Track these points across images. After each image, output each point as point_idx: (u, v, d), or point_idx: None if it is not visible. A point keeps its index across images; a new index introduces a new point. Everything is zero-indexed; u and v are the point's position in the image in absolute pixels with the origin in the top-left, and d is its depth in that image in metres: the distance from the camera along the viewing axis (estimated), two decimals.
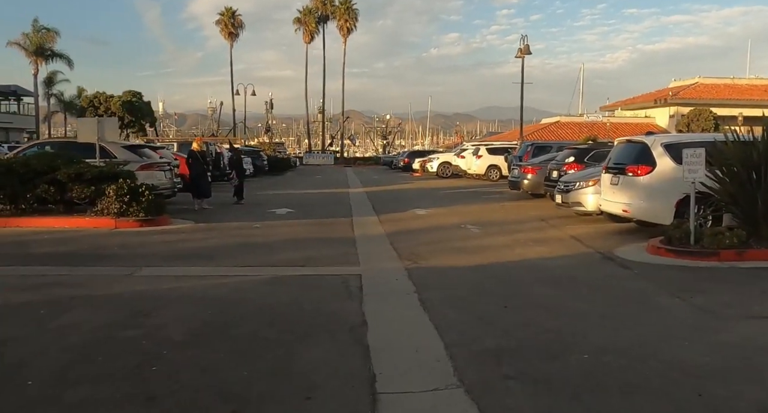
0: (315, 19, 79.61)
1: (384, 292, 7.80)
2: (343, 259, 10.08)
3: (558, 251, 10.68)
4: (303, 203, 20.56)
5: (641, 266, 9.25)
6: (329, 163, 72.90)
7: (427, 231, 13.42)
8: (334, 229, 13.68)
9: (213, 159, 27.40)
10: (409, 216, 16.49)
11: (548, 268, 9.18)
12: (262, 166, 38.80)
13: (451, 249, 10.95)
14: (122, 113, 39.85)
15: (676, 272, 8.78)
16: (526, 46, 43.16)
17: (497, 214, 16.63)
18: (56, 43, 67.76)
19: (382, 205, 19.65)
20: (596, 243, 11.31)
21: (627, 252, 10.28)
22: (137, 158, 15.53)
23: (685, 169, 9.72)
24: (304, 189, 27.56)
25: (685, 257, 9.50)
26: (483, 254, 10.41)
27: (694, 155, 9.64)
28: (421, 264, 9.56)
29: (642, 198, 11.63)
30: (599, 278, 8.45)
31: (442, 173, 36.87)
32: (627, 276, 8.59)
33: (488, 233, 13.00)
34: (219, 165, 27.97)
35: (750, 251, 9.41)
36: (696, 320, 6.33)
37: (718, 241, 9.49)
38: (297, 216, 16.30)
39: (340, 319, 6.44)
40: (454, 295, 7.49)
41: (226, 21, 79.05)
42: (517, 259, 9.96)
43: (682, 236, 9.84)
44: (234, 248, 11.16)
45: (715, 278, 8.43)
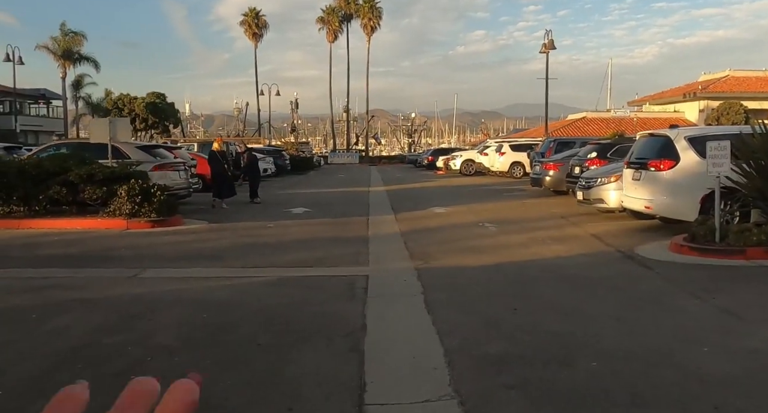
0: (338, 18, 79.44)
1: (389, 294, 7.50)
2: (353, 259, 9.79)
3: (576, 249, 10.27)
4: (321, 202, 20.32)
5: (662, 265, 8.82)
6: (354, 162, 72.68)
7: (443, 230, 13.06)
8: (348, 228, 13.39)
9: (234, 159, 27.34)
10: (426, 215, 16.14)
11: (564, 267, 8.79)
12: (284, 165, 38.67)
13: (465, 248, 10.60)
14: (146, 114, 40.04)
15: (699, 272, 8.33)
16: (551, 41, 42.61)
17: (516, 212, 16.20)
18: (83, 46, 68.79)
19: (401, 203, 19.34)
20: (617, 241, 10.87)
21: (648, 251, 9.84)
22: (151, 158, 15.40)
23: (709, 163, 9.25)
24: (325, 188, 27.35)
25: (709, 255, 9.04)
26: (498, 253, 10.05)
27: (719, 147, 9.17)
28: (432, 264, 9.24)
29: (665, 194, 11.16)
30: (617, 279, 8.04)
31: (465, 170, 36.41)
32: (646, 276, 8.17)
33: (505, 231, 12.61)
34: (240, 165, 27.87)
35: None
36: (717, 323, 5.92)
37: (744, 238, 9.01)
38: (312, 215, 16.05)
39: (339, 323, 6.15)
40: (462, 297, 7.16)
41: (250, 22, 79.16)
42: (532, 258, 9.57)
43: (706, 234, 9.37)
44: (244, 249, 10.94)
45: (740, 277, 7.98)
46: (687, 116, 50.61)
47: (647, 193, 11.52)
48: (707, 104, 48.06)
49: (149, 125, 40.56)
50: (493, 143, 34.51)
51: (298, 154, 45.55)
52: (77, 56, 68.06)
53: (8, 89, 64.49)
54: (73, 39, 68.37)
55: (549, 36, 41.92)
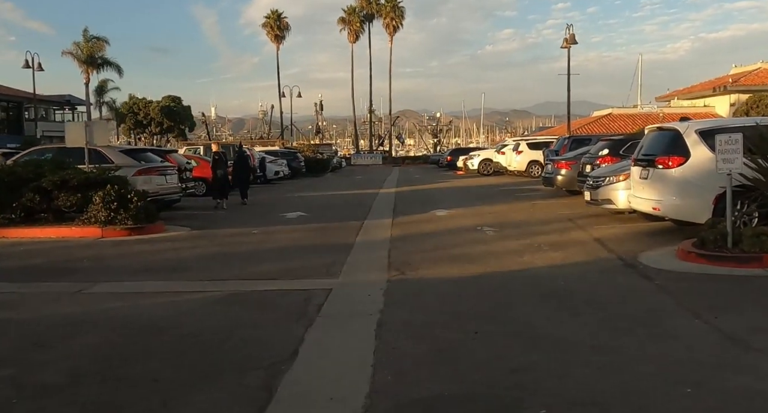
0: (360, 18, 78.69)
1: (344, 313, 6.60)
2: (325, 270, 8.90)
3: (574, 257, 9.24)
4: (323, 205, 19.50)
5: (666, 275, 7.76)
6: (377, 163, 71.97)
7: (437, 235, 12.12)
8: (337, 234, 12.51)
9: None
10: (426, 218, 15.20)
11: (552, 279, 7.78)
12: (298, 167, 37.99)
13: (452, 256, 9.64)
14: (161, 118, 39.65)
15: (706, 284, 7.27)
16: (572, 35, 41.17)
17: (522, 214, 15.16)
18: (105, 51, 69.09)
19: (406, 206, 18.44)
20: (621, 247, 9.81)
21: (654, 258, 8.77)
22: (134, 162, 14.69)
23: (719, 158, 8.16)
24: (334, 191, 26.50)
25: (720, 263, 7.95)
26: (485, 262, 9.08)
27: (730, 141, 8.07)
28: (407, 276, 8.32)
29: (674, 194, 10.07)
30: (609, 293, 7.02)
31: (483, 170, 35.30)
32: (644, 289, 7.13)
33: (503, 236, 11.61)
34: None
35: None
36: (717, 353, 4.88)
37: (761, 243, 7.91)
38: (306, 220, 15.21)
39: (268, 351, 5.27)
40: (423, 317, 6.22)
41: (272, 24, 78.80)
42: (522, 268, 8.58)
43: (717, 238, 8.28)
44: (215, 259, 10.14)
45: (753, 291, 6.89)
46: (717, 110, 48.71)
47: (655, 193, 10.43)
48: (738, 97, 46.11)
49: (164, 128, 40.19)
50: (511, 142, 33.34)
51: (315, 155, 44.83)
52: (100, 61, 68.51)
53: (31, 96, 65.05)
54: (96, 44, 68.74)
55: (570, 30, 40.50)
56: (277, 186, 30.00)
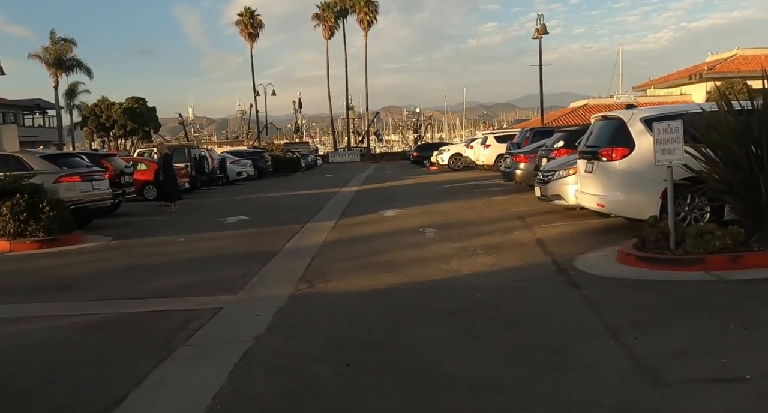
0: (334, 14, 77.56)
1: (215, 341, 5.68)
2: (228, 284, 7.97)
3: (506, 262, 8.36)
4: (272, 207, 18.58)
5: (598, 282, 6.88)
6: (356, 160, 71.14)
7: (373, 239, 11.22)
8: (268, 240, 11.56)
9: (197, 163, 25.72)
10: (372, 219, 14.29)
11: (472, 291, 6.89)
12: (265, 167, 36.96)
13: (376, 264, 8.75)
14: (124, 120, 38.46)
15: (639, 292, 6.38)
16: (543, 25, 40.40)
17: (474, 212, 14.26)
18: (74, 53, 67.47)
19: (359, 206, 17.54)
20: (562, 248, 8.94)
21: (592, 261, 7.90)
22: (55, 168, 13.65)
23: (657, 149, 7.29)
24: (294, 191, 25.49)
25: (659, 266, 7.10)
26: (408, 270, 8.19)
27: (669, 129, 7.21)
28: (315, 289, 7.43)
29: (618, 188, 9.20)
30: (527, 308, 6.12)
31: (453, 165, 34.41)
32: (568, 302, 6.22)
33: (441, 238, 10.70)
34: (204, 169, 26.22)
35: (747, 254, 6.95)
36: (621, 392, 3.97)
37: (704, 243, 7.05)
38: (245, 225, 14.27)
39: (89, 398, 4.33)
40: (301, 345, 5.32)
41: (246, 22, 77.55)
42: (444, 277, 7.69)
43: (658, 238, 7.42)
44: (117, 274, 9.22)
45: (690, 299, 6.01)
46: (694, 98, 48.02)
47: (599, 187, 9.57)
48: (714, 85, 45.49)
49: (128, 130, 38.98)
50: (480, 136, 32.47)
51: (284, 155, 43.78)
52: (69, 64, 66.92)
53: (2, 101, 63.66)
54: (64, 46, 67.12)
55: (541, 20, 39.79)
56: (237, 187, 29.00)
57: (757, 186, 7.27)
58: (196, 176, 25.57)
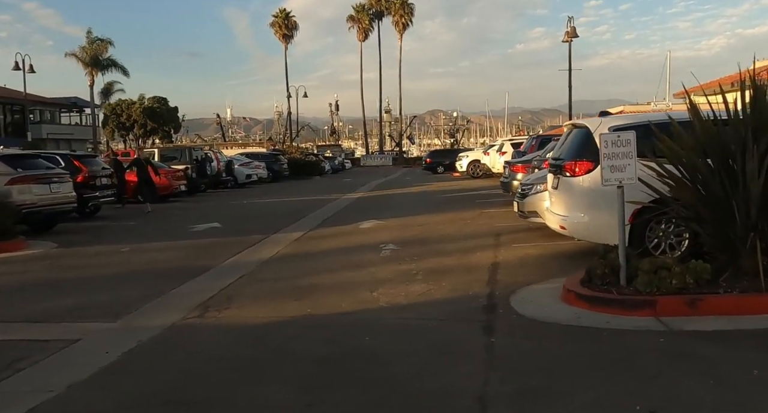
0: (369, 16, 76.83)
1: (19, 390, 4.70)
2: (121, 308, 7.04)
3: (438, 291, 7.20)
4: (254, 214, 17.69)
5: (520, 326, 5.68)
6: (387, 164, 70.39)
7: (321, 256, 10.18)
8: (214, 253, 10.60)
9: (198, 164, 25.02)
10: (342, 231, 13.24)
11: (367, 330, 5.76)
12: (280, 170, 36.16)
13: (294, 288, 7.72)
14: (143, 119, 38.18)
15: (559, 344, 5.15)
16: (573, 28, 38.89)
17: (454, 227, 13.06)
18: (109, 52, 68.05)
19: (343, 215, 16.50)
20: (513, 276, 7.74)
21: (532, 296, 6.68)
22: (8, 169, 12.91)
23: (605, 166, 6.05)
24: (296, 196, 24.49)
25: (601, 307, 5.86)
26: (323, 297, 7.15)
27: (619, 142, 5.97)
28: (203, 319, 6.53)
29: (581, 208, 7.96)
30: (414, 357, 4.96)
31: (472, 172, 33.03)
32: (465, 352, 5.03)
33: (393, 258, 9.58)
34: (205, 172, 25.48)
35: (709, 298, 5.65)
36: None
37: (658, 281, 5.78)
38: (207, 234, 13.36)
39: None
40: (106, 402, 4.28)
41: (280, 23, 77.27)
42: (353, 309, 6.59)
43: (606, 273, 6.16)
44: (16, 289, 8.44)
45: (615, 358, 4.76)
46: None
47: (563, 206, 8.33)
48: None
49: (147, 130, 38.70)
50: (500, 142, 31.09)
51: (304, 158, 42.95)
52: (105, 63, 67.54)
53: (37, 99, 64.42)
54: (100, 46, 67.84)
55: (571, 23, 38.25)
56: (242, 191, 28.20)
57: (728, 212, 5.96)
58: (198, 179, 24.84)
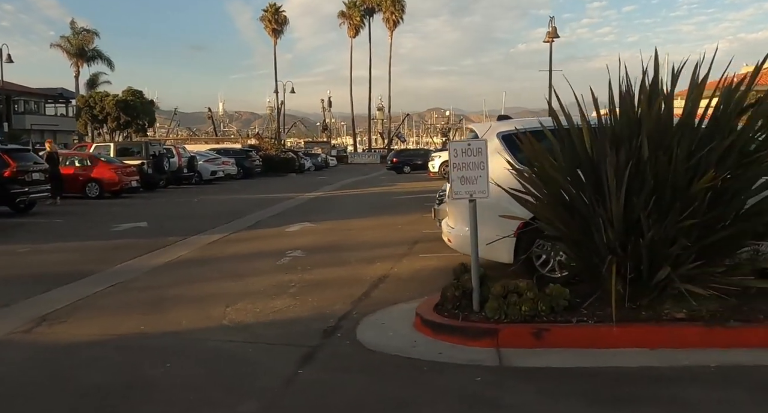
0: (360, 12, 76.27)
1: None
2: None
3: (294, 309, 6.61)
4: (191, 214, 17.09)
5: (342, 357, 5.08)
6: (375, 161, 70.12)
7: (221, 261, 9.66)
8: (111, 257, 10.02)
9: (156, 160, 24.40)
10: (264, 235, 12.69)
11: (166, 358, 5.14)
12: (251, 167, 35.53)
13: (152, 301, 7.16)
14: (117, 112, 37.52)
15: (357, 385, 4.53)
16: (554, 28, 38.19)
17: (381, 232, 12.46)
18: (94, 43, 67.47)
19: (282, 217, 15.88)
20: (392, 293, 7.16)
21: (388, 318, 6.09)
22: None
23: (455, 177, 5.45)
24: (254, 194, 23.83)
25: (443, 335, 5.27)
26: (174, 311, 6.62)
27: (469, 151, 5.37)
28: (29, 334, 6.12)
29: (466, 221, 7.33)
30: (164, 403, 4.34)
31: (443, 173, 32.38)
32: (225, 400, 4.40)
33: (289, 266, 9.03)
34: (162, 167, 24.84)
35: (558, 328, 5.05)
36: None
37: (507, 307, 5.18)
38: (123, 235, 12.80)
39: None
40: None
41: (270, 17, 76.80)
42: (185, 327, 6.01)
43: (457, 296, 5.56)
44: None
45: (416, 407, 4.14)
46: None
47: (452, 218, 7.74)
48: None
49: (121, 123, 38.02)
50: None
51: (279, 154, 42.27)
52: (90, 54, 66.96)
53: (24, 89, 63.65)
54: (85, 37, 67.27)
55: (552, 23, 37.56)
56: (206, 187, 27.61)
57: (586, 229, 5.35)
58: (154, 174, 24.20)
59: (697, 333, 4.95)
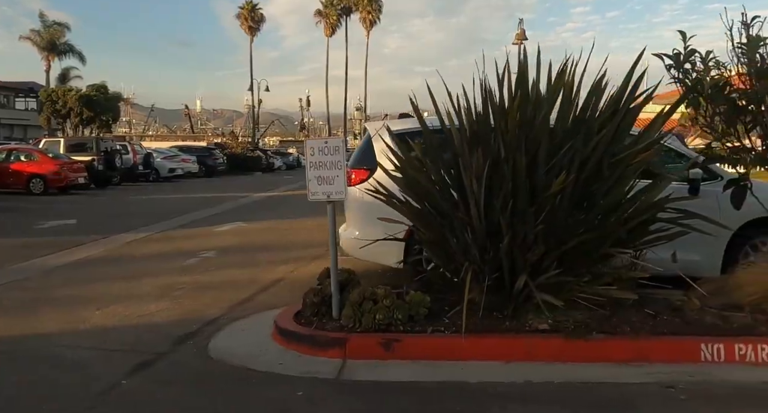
0: (337, 11, 75.78)
1: None
2: None
3: (163, 314, 6.30)
4: (128, 212, 16.73)
5: (178, 366, 4.77)
6: None
7: (126, 262, 9.33)
8: (19, 255, 9.68)
9: (107, 156, 23.90)
10: (190, 234, 12.33)
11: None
12: (214, 165, 35.06)
13: (33, 302, 6.92)
14: (80, 107, 36.86)
15: (177, 396, 4.23)
16: (522, 31, 38.05)
17: (309, 235, 12.10)
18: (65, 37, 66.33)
19: (221, 216, 15.47)
20: (275, 298, 6.87)
21: (254, 325, 5.79)
22: None
23: (311, 177, 5.16)
24: (204, 193, 23.28)
25: (295, 345, 5.00)
26: (41, 314, 6.36)
27: (326, 149, 5.08)
28: None
29: (354, 223, 7.09)
30: None
31: None
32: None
33: (193, 267, 8.74)
34: (114, 164, 24.34)
35: (410, 338, 4.79)
36: None
37: (361, 314, 4.90)
38: (45, 233, 12.52)
39: None
40: None
41: (246, 14, 76.04)
42: (38, 332, 5.68)
43: (316, 302, 5.27)
44: None
45: None
46: None
47: (346, 220, 7.44)
48: None
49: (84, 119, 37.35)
50: None
51: (245, 153, 41.74)
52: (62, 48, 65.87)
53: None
54: (56, 30, 66.15)
55: (521, 25, 37.39)
56: (163, 185, 27.11)
57: (453, 234, 5.09)
58: (105, 171, 23.70)
59: (556, 345, 4.69)
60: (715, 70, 5.52)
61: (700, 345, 4.64)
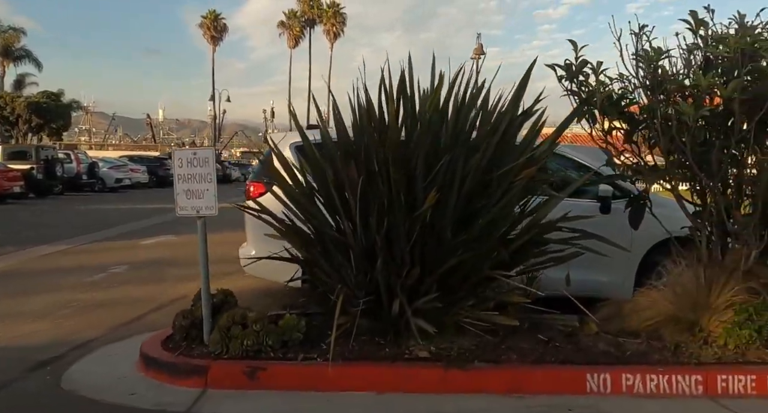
0: (300, 23, 75.51)
1: None
2: None
3: (34, 336, 5.87)
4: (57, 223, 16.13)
5: (14, 399, 4.32)
6: None
7: (27, 276, 8.90)
8: None
9: (47, 165, 23.14)
10: (112, 247, 11.84)
11: None
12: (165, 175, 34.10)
13: None
14: (28, 114, 35.86)
15: None
16: (480, 45, 38.24)
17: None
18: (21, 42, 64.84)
19: (154, 229, 15.01)
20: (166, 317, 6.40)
21: (123, 350, 5.36)
22: None
23: (179, 190, 4.80)
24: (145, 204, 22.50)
25: (155, 372, 4.61)
26: None
27: (196, 161, 4.73)
28: None
29: (250, 239, 6.75)
30: None
31: None
32: None
33: (98, 283, 8.30)
34: (54, 173, 23.58)
35: (275, 366, 4.44)
36: None
37: (230, 338, 4.54)
38: None
39: None
40: None
41: (209, 24, 75.43)
42: None
43: (185, 326, 4.89)
44: None
45: None
46: None
47: (246, 237, 7.09)
48: None
49: (33, 126, 36.34)
50: None
51: None
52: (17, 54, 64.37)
53: None
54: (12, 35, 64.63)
55: (479, 40, 37.61)
56: (108, 195, 26.41)
57: (328, 255, 4.76)
58: (45, 180, 22.93)
59: (436, 375, 4.37)
60: (618, 83, 5.30)
61: (586, 375, 4.36)
